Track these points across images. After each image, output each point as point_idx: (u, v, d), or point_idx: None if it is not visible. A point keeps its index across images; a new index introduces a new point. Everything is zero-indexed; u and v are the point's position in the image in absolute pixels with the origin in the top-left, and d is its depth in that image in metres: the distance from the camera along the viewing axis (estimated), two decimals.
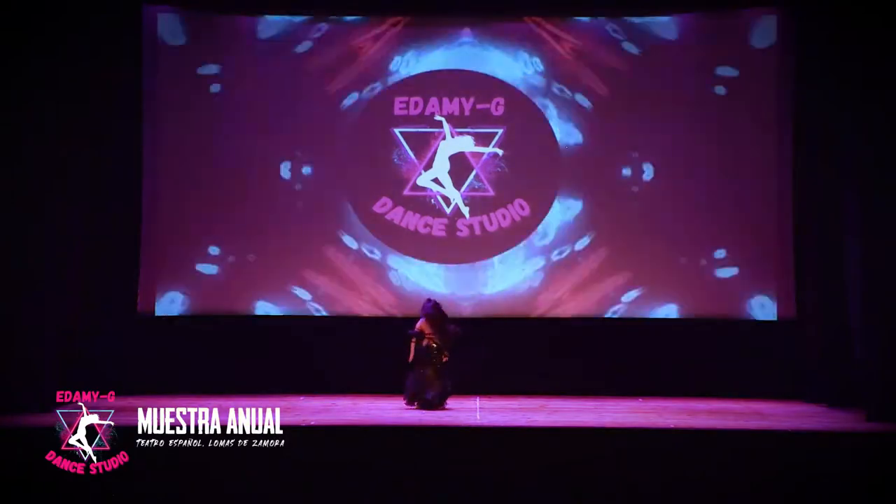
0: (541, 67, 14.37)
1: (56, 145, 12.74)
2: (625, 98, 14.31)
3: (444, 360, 12.64)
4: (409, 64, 14.38)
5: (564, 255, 14.36)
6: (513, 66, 14.40)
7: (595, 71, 14.34)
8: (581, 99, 14.35)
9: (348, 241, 14.42)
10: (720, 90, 14.25)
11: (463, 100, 14.31)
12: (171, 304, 14.33)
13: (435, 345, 12.66)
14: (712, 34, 14.30)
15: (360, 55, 14.40)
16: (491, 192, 14.40)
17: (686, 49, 14.30)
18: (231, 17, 14.36)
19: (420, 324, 12.78)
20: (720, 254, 14.27)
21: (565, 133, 14.34)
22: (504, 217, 14.40)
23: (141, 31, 14.19)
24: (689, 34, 14.32)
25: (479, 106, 14.30)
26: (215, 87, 14.36)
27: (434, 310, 12.78)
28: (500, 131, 14.30)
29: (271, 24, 14.41)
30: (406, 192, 14.38)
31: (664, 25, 14.33)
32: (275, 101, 14.39)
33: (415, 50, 14.41)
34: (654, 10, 14.31)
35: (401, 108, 14.32)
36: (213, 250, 14.35)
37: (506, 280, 14.40)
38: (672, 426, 11.44)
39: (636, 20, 14.32)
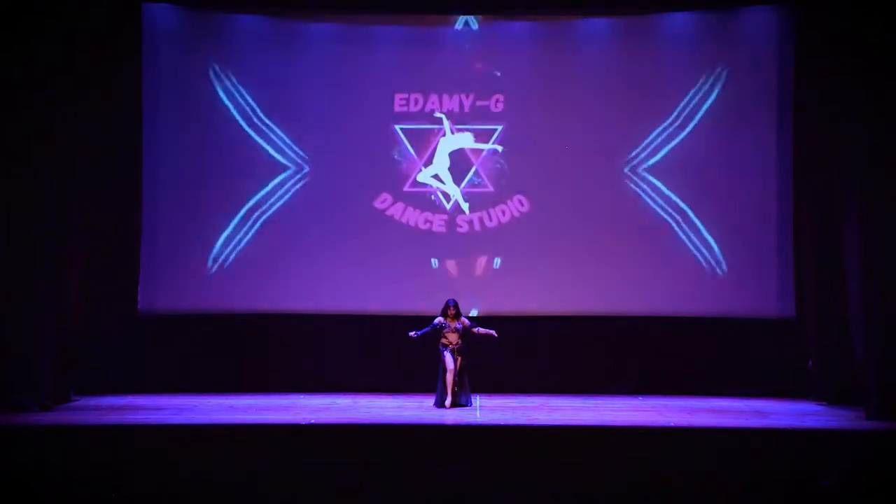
0: (538, 64, 14.38)
1: (56, 145, 12.74)
2: (624, 95, 14.31)
3: (460, 360, 12.79)
4: (410, 60, 14.39)
5: (562, 251, 14.37)
6: (511, 62, 14.40)
7: (594, 68, 14.34)
8: (579, 95, 14.35)
9: (350, 237, 14.41)
10: (720, 88, 14.25)
11: (463, 96, 14.33)
12: (170, 303, 14.31)
13: (451, 345, 12.77)
14: (712, 32, 14.30)
15: (361, 52, 14.40)
16: (490, 189, 14.39)
17: (686, 47, 14.30)
18: (231, 15, 14.35)
19: (440, 320, 12.87)
20: (720, 253, 14.27)
21: (565, 130, 14.37)
22: (503, 213, 14.42)
23: (141, 28, 14.19)
24: (690, 32, 14.33)
25: (478, 103, 14.32)
26: (216, 85, 14.35)
27: (454, 307, 12.87)
28: (500, 128, 14.31)
29: (271, 22, 14.41)
30: (406, 188, 14.38)
31: (665, 23, 14.33)
32: (275, 99, 14.39)
33: (415, 46, 14.40)
34: (653, 8, 14.30)
35: (401, 105, 14.35)
36: (214, 250, 14.35)
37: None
38: (672, 424, 11.45)
39: (635, 18, 14.32)
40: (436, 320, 12.89)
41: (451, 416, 12.07)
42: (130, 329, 14.17)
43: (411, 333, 12.77)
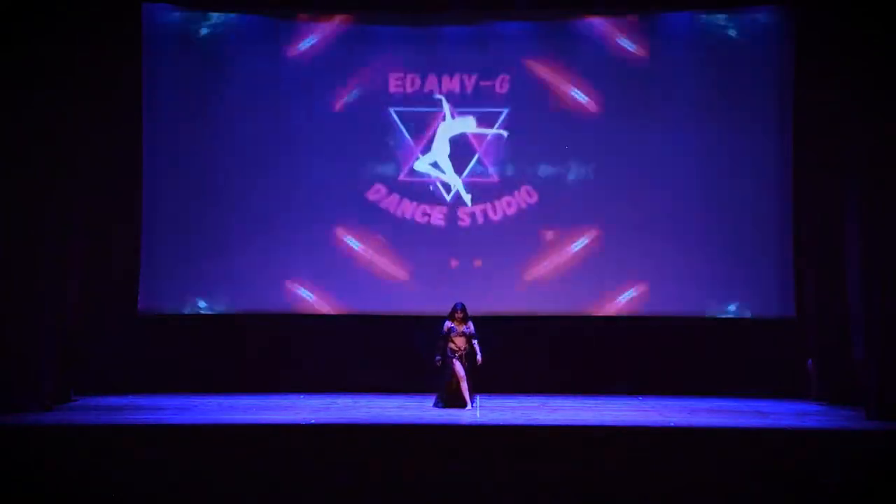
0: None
1: (56, 145, 12.73)
2: (626, 96, 14.29)
3: (465, 363, 12.76)
4: (406, 37, 13.82)
5: (565, 250, 14.37)
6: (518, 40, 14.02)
7: (593, 68, 14.32)
8: (579, 95, 14.33)
9: (345, 232, 14.34)
10: (719, 88, 14.24)
11: (465, 76, 13.76)
12: (171, 303, 14.31)
13: (459, 351, 12.73)
14: (712, 32, 14.30)
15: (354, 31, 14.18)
16: (495, 178, 13.92)
17: (686, 47, 14.30)
18: (230, 14, 14.34)
19: (448, 325, 12.82)
20: (720, 253, 14.27)
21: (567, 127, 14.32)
22: (510, 205, 14.13)
23: (141, 28, 14.18)
24: (690, 32, 14.33)
25: (482, 83, 13.67)
26: (215, 84, 14.32)
27: (462, 311, 12.80)
28: (505, 111, 13.70)
29: (269, 21, 14.41)
30: (401, 177, 13.87)
31: (665, 23, 14.33)
32: (274, 96, 14.35)
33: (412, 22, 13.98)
34: (654, 7, 14.30)
35: (396, 85, 13.77)
36: (213, 249, 14.33)
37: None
38: (673, 424, 11.45)
39: (636, 17, 14.31)
40: (445, 327, 12.80)
41: (449, 416, 12.06)
42: (130, 329, 14.18)
43: (436, 360, 12.68)
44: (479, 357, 12.72)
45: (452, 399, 12.65)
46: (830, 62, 13.17)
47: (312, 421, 11.44)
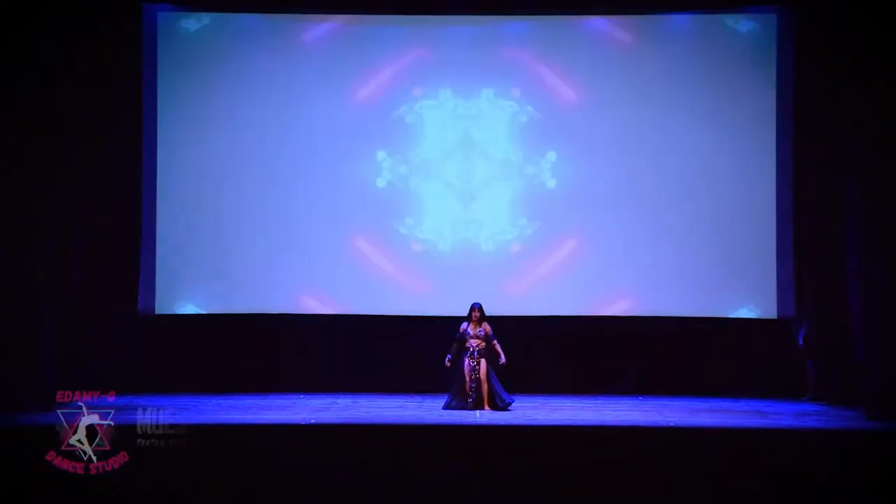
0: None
1: (57, 144, 12.74)
2: (625, 95, 14.29)
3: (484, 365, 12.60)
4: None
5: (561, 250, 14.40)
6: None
7: (590, 68, 14.33)
8: (579, 95, 14.37)
9: (351, 238, 14.40)
10: (720, 89, 14.23)
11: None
12: (171, 303, 14.31)
13: (473, 350, 12.62)
14: (712, 33, 14.29)
15: (366, 51, 14.44)
16: None
17: (687, 47, 14.29)
18: (232, 14, 14.34)
19: (463, 326, 12.71)
20: (720, 253, 14.26)
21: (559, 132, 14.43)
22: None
23: (141, 28, 14.18)
24: (690, 32, 14.33)
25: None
26: (216, 84, 14.33)
27: (479, 311, 12.68)
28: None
29: (273, 21, 14.41)
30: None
31: (664, 24, 14.33)
32: (276, 97, 14.37)
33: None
34: (654, 8, 14.30)
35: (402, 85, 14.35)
36: (214, 249, 14.33)
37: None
38: (672, 424, 11.45)
39: (634, 18, 14.31)
40: (461, 329, 12.68)
41: (450, 416, 12.06)
42: (131, 329, 14.17)
43: (447, 362, 12.58)
44: (502, 358, 12.52)
45: (460, 400, 12.56)
46: (830, 62, 13.17)
47: (312, 421, 11.44)
